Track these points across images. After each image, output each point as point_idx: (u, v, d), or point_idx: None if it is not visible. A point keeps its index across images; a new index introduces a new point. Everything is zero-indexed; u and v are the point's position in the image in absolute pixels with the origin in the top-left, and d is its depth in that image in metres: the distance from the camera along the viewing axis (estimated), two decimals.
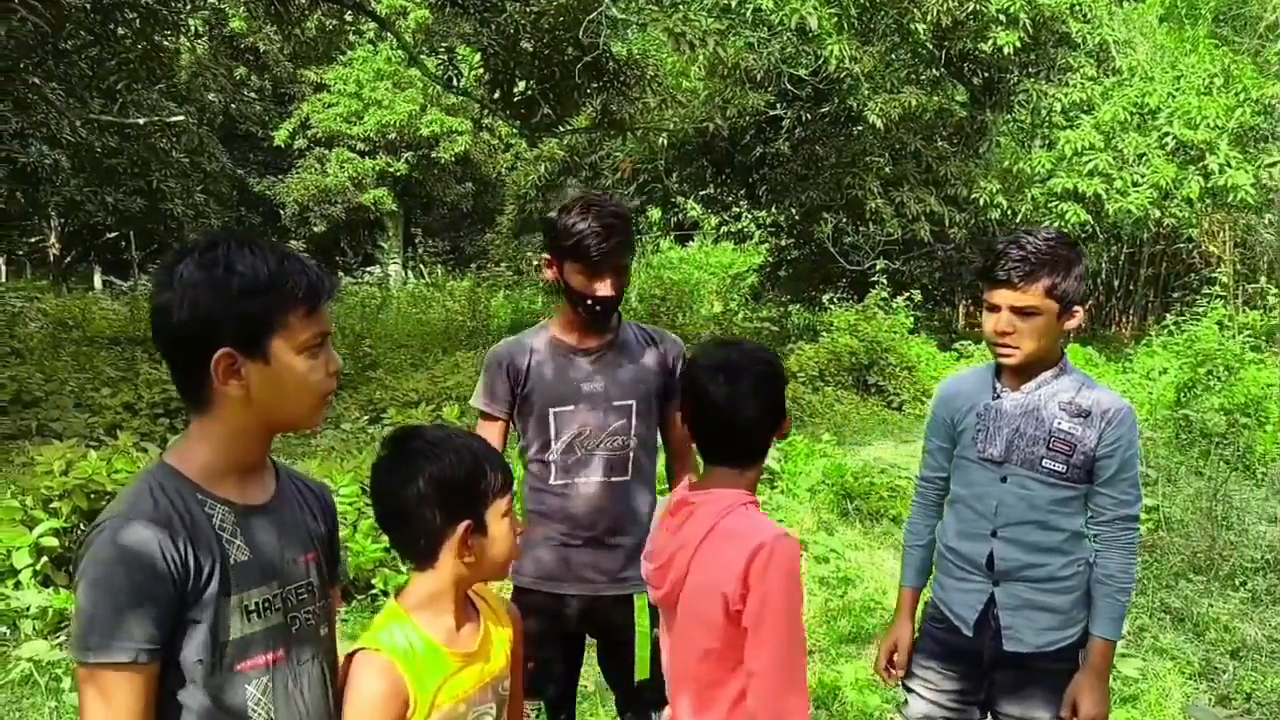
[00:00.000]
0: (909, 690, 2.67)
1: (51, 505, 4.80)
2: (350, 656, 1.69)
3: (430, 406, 7.77)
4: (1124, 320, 19.57)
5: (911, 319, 13.83)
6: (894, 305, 13.81)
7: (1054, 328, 2.38)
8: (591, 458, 2.53)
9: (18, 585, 4.53)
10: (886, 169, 14.95)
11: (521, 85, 12.23)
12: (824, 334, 13.60)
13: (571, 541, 2.57)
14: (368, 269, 23.08)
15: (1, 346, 11.44)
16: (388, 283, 20.80)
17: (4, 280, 32.20)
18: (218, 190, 26.19)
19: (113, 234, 27.56)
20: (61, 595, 4.53)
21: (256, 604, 1.48)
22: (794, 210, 16.49)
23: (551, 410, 2.56)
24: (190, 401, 1.47)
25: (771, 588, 1.77)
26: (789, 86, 14.41)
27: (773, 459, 7.44)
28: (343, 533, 4.91)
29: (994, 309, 2.41)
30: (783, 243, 18.76)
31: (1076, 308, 2.41)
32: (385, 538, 5.13)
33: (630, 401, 2.55)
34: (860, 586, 5.65)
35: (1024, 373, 2.46)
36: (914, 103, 13.58)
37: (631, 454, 2.55)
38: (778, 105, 15.44)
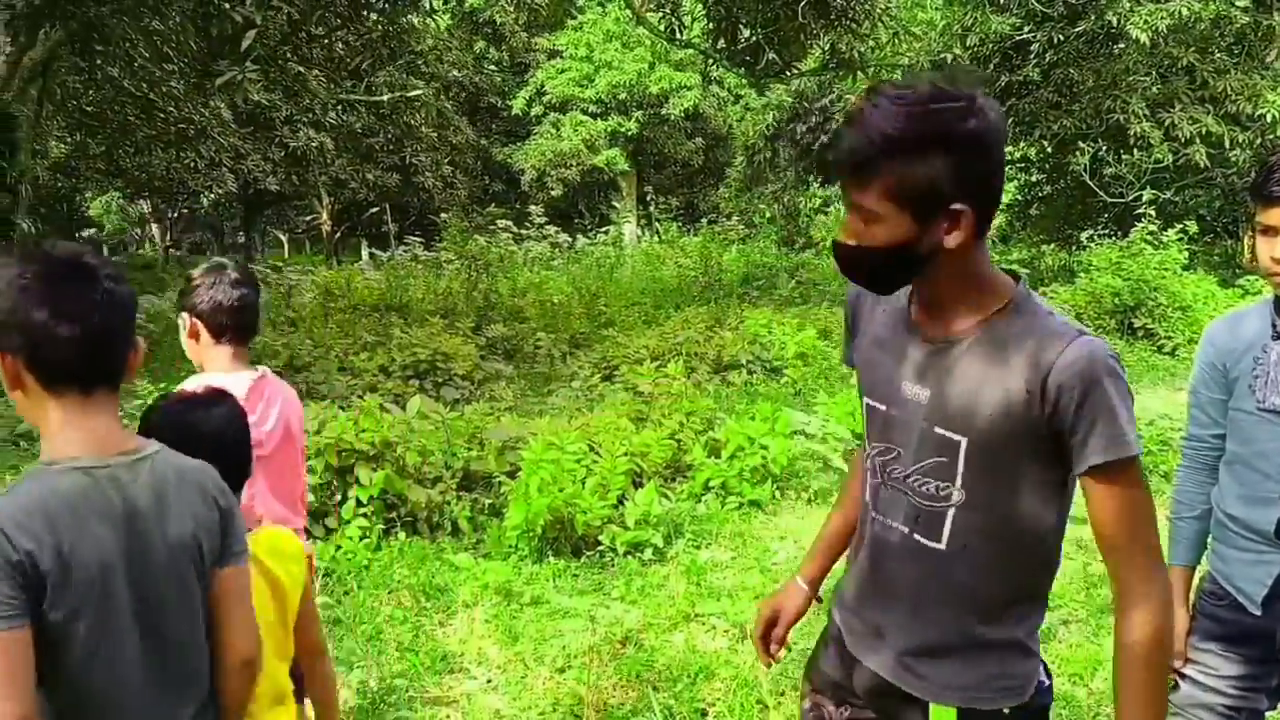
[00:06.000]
0: (1181, 675, 2.31)
1: (309, 463, 5.14)
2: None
3: (656, 363, 7.77)
4: None
5: (1185, 254, 12.45)
6: (1164, 239, 12.48)
7: None
8: (898, 496, 1.67)
9: None
10: (1153, 89, 13.50)
11: (746, 31, 11.94)
12: (1082, 274, 12.52)
13: (866, 590, 1.79)
14: (603, 229, 23.59)
15: (279, 316, 12.57)
16: (622, 242, 21.15)
17: (286, 256, 35.60)
18: (463, 161, 27.61)
19: (374, 208, 29.74)
20: (318, 547, 4.85)
21: None
22: (1045, 142, 15.27)
23: (866, 400, 1.76)
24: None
25: None
26: (1038, 6, 13.26)
27: None
28: (569, 489, 4.99)
29: (1269, 231, 2.02)
30: (1033, 178, 17.49)
31: None
32: (611, 494, 5.17)
33: (958, 437, 1.57)
34: None
35: None
36: (1185, 11, 12.14)
37: (953, 512, 1.60)
38: (1025, 28, 14.26)
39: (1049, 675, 1.70)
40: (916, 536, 1.65)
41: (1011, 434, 1.53)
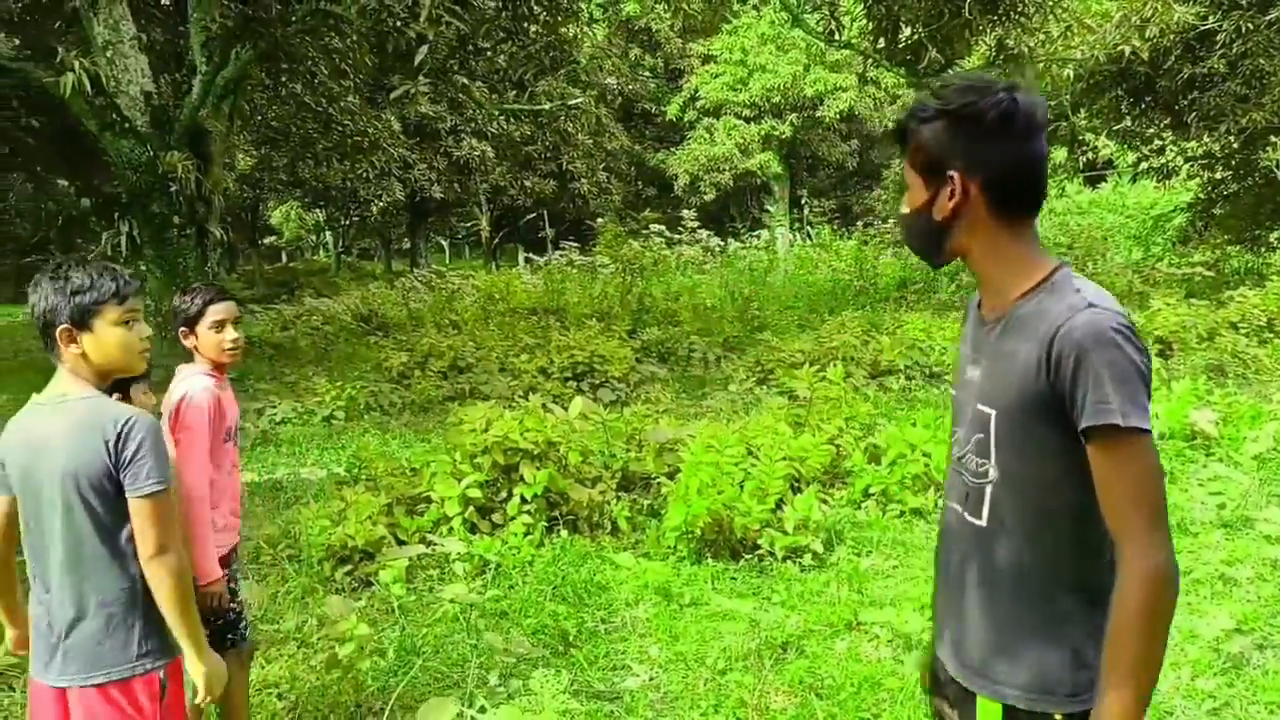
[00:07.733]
0: None
1: (475, 460, 5.33)
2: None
3: (815, 367, 7.68)
4: None
5: None
6: None
7: None
8: (956, 477, 1.72)
9: (449, 531, 5.09)
10: None
11: (907, 30, 11.69)
12: (1274, 278, 11.68)
13: (938, 579, 1.80)
14: (755, 233, 23.49)
15: (442, 319, 13.08)
16: (775, 245, 21.01)
17: (447, 261, 36.93)
18: (617, 167, 28.03)
19: (531, 214, 30.53)
20: (485, 542, 5.02)
21: None
22: (1231, 137, 14.29)
23: (953, 390, 1.84)
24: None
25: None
26: None
27: (1209, 422, 6.48)
28: (728, 492, 4.99)
29: None
30: (1218, 176, 16.41)
31: None
32: (770, 498, 5.14)
33: (989, 410, 1.62)
34: None
35: None
36: None
37: (990, 489, 1.62)
38: (1210, 18, 13.39)
39: None
40: (966, 515, 1.67)
41: (1028, 404, 1.55)
